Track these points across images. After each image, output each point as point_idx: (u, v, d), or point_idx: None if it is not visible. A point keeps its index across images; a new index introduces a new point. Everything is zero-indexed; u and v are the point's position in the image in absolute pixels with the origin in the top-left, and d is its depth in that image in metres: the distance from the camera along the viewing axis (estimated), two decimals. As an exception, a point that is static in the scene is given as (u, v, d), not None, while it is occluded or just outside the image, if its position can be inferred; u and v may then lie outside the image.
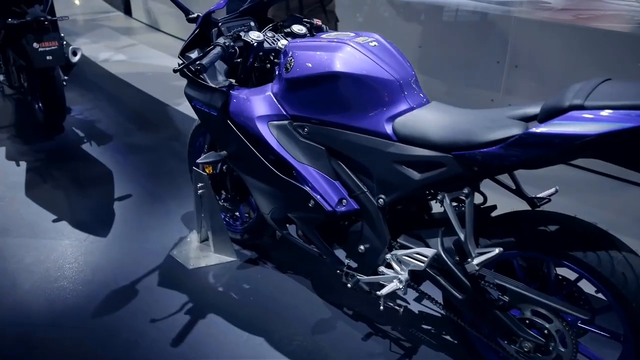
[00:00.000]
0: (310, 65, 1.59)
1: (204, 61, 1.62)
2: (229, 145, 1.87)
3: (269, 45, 1.83)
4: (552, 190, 1.57)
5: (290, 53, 1.65)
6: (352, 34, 1.67)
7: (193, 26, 1.96)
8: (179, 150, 3.46)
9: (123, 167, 3.22)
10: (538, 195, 1.56)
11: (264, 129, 1.73)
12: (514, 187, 1.56)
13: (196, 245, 2.43)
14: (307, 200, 1.70)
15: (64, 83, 3.55)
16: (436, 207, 1.73)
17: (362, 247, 1.70)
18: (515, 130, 1.27)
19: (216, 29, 1.93)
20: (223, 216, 2.36)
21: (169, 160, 3.33)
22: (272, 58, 1.87)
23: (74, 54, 3.53)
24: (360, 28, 4.14)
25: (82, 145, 3.56)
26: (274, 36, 1.90)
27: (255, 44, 1.76)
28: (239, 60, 1.84)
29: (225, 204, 2.29)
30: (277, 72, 1.80)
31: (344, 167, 1.67)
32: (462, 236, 1.43)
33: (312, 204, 1.69)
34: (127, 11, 7.97)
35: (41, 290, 2.13)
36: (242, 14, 1.99)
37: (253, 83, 1.92)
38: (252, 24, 2.02)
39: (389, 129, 1.54)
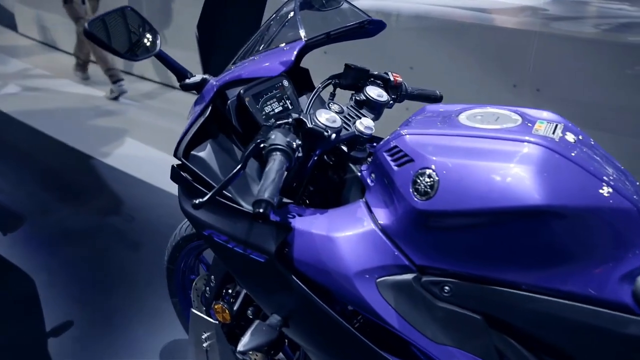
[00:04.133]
0: (480, 189, 0.85)
1: (267, 194, 0.81)
2: (289, 309, 1.09)
3: (346, 132, 1.07)
4: None
5: (422, 160, 0.91)
6: (516, 117, 0.97)
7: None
8: (127, 230, 2.53)
9: (50, 271, 2.24)
10: None
11: (368, 291, 0.97)
12: None
13: (198, 413, 1.59)
14: (454, 407, 0.97)
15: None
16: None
17: None
18: None
19: (234, 99, 1.14)
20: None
21: (117, 251, 2.40)
22: (343, 148, 1.11)
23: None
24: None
25: (-21, 235, 2.50)
26: (342, 110, 1.13)
27: (332, 135, 0.99)
28: None
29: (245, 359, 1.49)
30: (369, 183, 1.03)
31: (518, 346, 0.96)
32: None
33: (464, 414, 0.97)
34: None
35: None
36: None
37: (309, 193, 1.15)
38: (286, 83, 1.23)
39: (625, 294, 0.85)
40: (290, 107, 1.22)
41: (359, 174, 1.10)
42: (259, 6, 1.80)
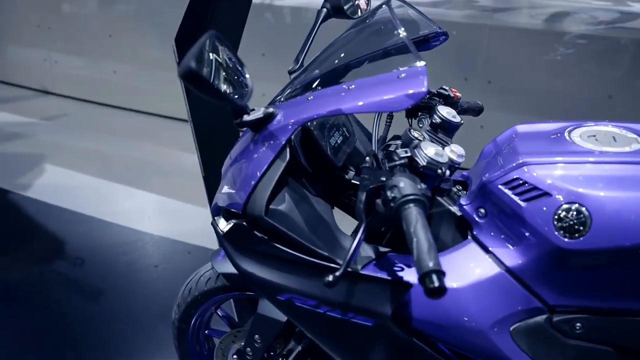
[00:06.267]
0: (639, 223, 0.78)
1: (433, 262, 0.64)
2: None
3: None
4: None
5: (564, 194, 0.81)
6: (631, 135, 0.90)
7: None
8: (80, 277, 2.18)
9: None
10: None
11: (505, 343, 0.87)
12: None
13: None
14: None
15: None
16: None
17: None
18: None
19: (298, 132, 0.96)
20: None
21: (76, 303, 2.04)
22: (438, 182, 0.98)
23: None
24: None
25: None
26: (425, 137, 1.00)
27: (446, 172, 0.86)
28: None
29: None
30: (476, 219, 0.89)
31: (651, 377, 0.92)
32: None
33: None
34: None
35: None
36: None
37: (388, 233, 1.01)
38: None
39: None
40: (348, 135, 1.06)
41: (450, 207, 0.98)
42: (243, 14, 1.60)
